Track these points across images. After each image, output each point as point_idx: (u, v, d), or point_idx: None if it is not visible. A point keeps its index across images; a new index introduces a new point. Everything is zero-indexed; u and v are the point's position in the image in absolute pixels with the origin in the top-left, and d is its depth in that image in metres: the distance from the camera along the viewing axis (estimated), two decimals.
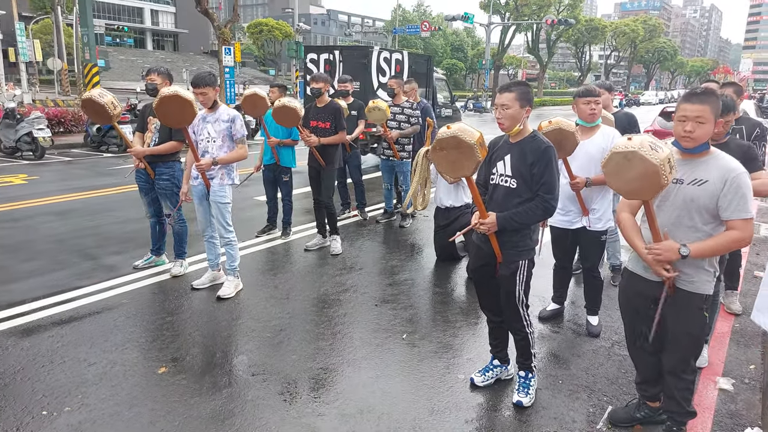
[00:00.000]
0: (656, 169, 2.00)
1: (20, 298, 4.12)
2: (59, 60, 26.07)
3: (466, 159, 2.52)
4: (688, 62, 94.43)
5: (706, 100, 2.20)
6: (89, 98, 3.94)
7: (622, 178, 2.12)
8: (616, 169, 2.13)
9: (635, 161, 2.05)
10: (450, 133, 2.50)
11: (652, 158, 2.01)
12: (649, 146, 2.03)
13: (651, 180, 2.04)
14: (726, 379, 3.18)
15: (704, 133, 2.21)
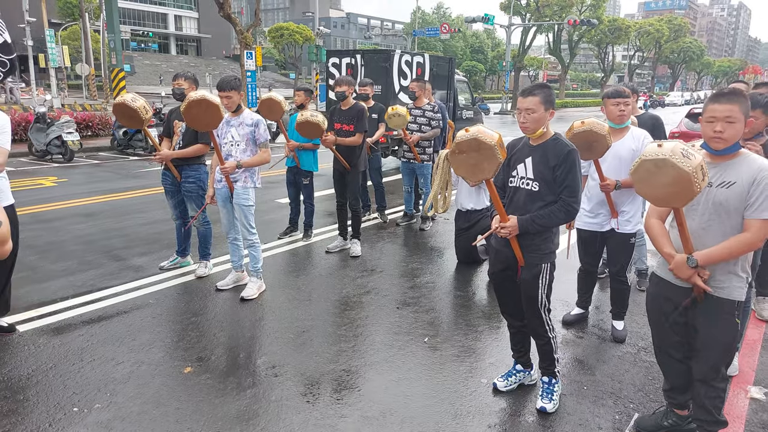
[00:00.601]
0: (689, 176, 1.96)
1: (51, 297, 4.23)
2: (87, 65, 26.76)
3: (486, 161, 2.51)
4: (715, 62, 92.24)
5: (735, 99, 2.16)
6: (122, 102, 4.03)
7: (652, 185, 2.07)
8: (646, 176, 2.08)
9: (666, 168, 2.00)
10: (469, 136, 2.49)
11: (684, 165, 1.96)
12: (681, 153, 1.98)
13: (683, 187, 1.99)
14: (758, 388, 3.09)
15: (735, 133, 2.17)
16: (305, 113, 4.93)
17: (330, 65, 10.89)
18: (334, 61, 10.79)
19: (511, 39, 38.45)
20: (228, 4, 18.15)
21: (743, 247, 2.18)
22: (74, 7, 35.88)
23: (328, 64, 10.95)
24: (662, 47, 63.40)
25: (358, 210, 5.47)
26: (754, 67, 70.89)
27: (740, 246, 2.18)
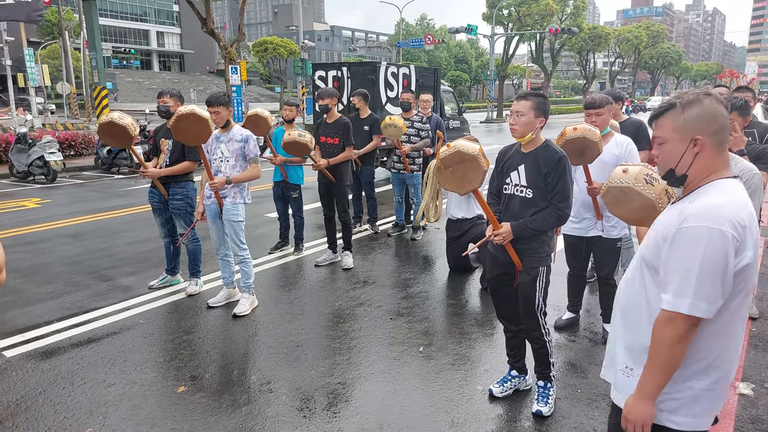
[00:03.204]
0: (652, 203, 2.02)
1: (38, 320, 4.17)
2: (68, 84, 26.54)
3: (472, 171, 2.56)
4: (693, 67, 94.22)
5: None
6: (110, 121, 4.01)
7: (622, 208, 2.15)
8: (616, 200, 2.16)
9: (632, 195, 2.07)
10: (452, 150, 2.56)
11: (647, 193, 2.02)
12: (644, 180, 2.04)
13: (649, 212, 2.05)
14: (746, 384, 3.15)
15: None
16: (293, 133, 4.95)
17: (316, 78, 10.93)
18: (320, 74, 10.85)
19: (495, 48, 38.97)
20: (211, 20, 18.17)
21: None
22: (53, 26, 35.69)
23: (315, 77, 10.99)
24: (641, 53, 64.68)
25: (349, 222, 5.49)
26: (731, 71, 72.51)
27: None
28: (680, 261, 1.39)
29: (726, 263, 1.36)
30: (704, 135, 1.45)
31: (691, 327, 1.40)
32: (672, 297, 1.40)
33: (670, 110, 1.49)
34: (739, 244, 1.36)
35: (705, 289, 1.37)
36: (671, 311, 1.40)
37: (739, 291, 1.43)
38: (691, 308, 1.38)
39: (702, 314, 1.38)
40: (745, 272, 1.40)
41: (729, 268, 1.37)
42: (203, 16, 17.96)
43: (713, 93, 1.47)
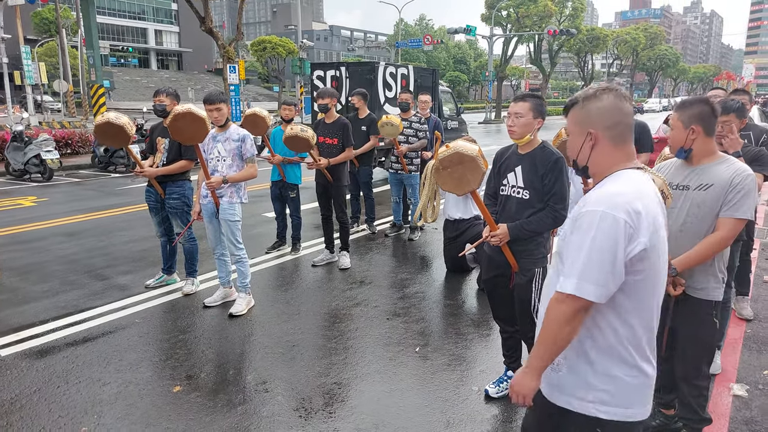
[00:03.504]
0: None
1: (33, 319, 4.16)
2: (65, 82, 26.47)
3: (470, 173, 2.57)
4: (691, 69, 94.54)
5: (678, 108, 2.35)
6: (107, 121, 3.99)
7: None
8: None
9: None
10: (451, 151, 2.57)
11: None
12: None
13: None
14: (740, 385, 3.16)
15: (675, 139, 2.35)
16: (295, 127, 4.94)
17: (315, 78, 10.93)
18: (318, 74, 10.84)
19: (493, 49, 39.03)
20: (209, 19, 18.15)
21: (716, 246, 2.26)
22: (51, 24, 35.57)
23: (313, 76, 10.99)
24: (639, 55, 64.87)
25: (346, 222, 5.49)
26: (728, 73, 72.83)
27: (713, 245, 2.26)
28: (574, 244, 1.42)
29: (615, 248, 1.36)
30: (598, 129, 1.49)
31: (580, 309, 1.40)
32: (563, 278, 1.42)
33: (575, 105, 1.55)
34: (632, 231, 1.37)
35: (592, 272, 1.37)
36: (560, 292, 1.42)
37: (641, 279, 1.43)
38: (577, 289, 1.38)
39: (588, 296, 1.37)
40: (644, 259, 1.40)
41: (619, 253, 1.37)
42: (202, 14, 17.95)
43: (616, 89, 1.50)
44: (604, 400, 1.48)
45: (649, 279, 1.45)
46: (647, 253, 1.40)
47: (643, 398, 1.51)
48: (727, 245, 2.30)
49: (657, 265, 1.45)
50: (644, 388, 1.51)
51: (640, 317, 1.47)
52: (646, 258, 1.41)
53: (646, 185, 1.47)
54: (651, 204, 1.43)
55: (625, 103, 1.49)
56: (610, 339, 1.46)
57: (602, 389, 1.48)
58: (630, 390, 1.48)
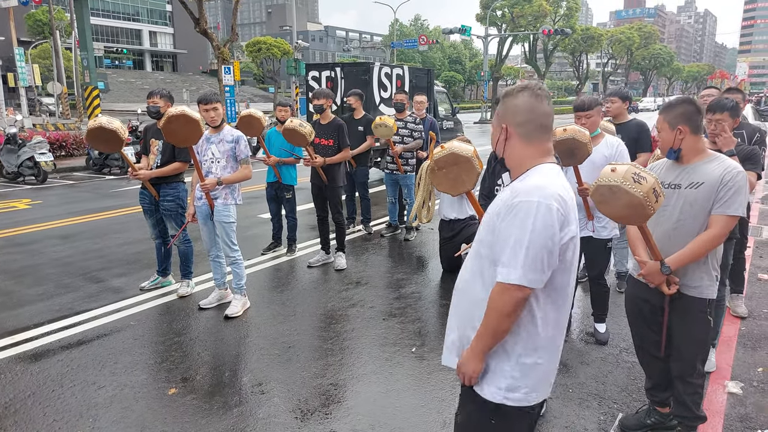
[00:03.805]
0: (640, 201, 2.04)
1: (28, 323, 4.14)
2: (59, 84, 26.33)
3: (465, 173, 2.57)
4: (685, 68, 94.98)
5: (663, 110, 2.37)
6: (99, 126, 3.96)
7: (610, 206, 2.16)
8: (604, 199, 2.17)
9: (620, 194, 2.08)
10: (446, 152, 2.56)
11: (635, 191, 2.03)
12: (632, 179, 2.05)
13: (637, 210, 2.07)
14: (735, 382, 3.17)
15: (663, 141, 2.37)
16: (294, 121, 4.91)
17: (309, 78, 10.92)
18: (313, 75, 10.83)
19: (488, 49, 39.09)
20: (204, 20, 18.10)
21: (708, 243, 2.27)
22: (44, 25, 35.42)
23: (308, 77, 10.98)
24: (633, 54, 65.14)
25: (342, 222, 5.48)
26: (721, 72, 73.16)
27: (706, 243, 2.28)
28: (512, 233, 1.45)
29: (553, 235, 1.43)
30: (510, 125, 1.57)
31: (523, 297, 1.46)
32: (505, 269, 1.45)
33: (499, 101, 1.64)
34: (563, 218, 1.45)
35: (534, 260, 1.42)
36: (504, 282, 1.45)
37: (562, 269, 1.50)
38: (521, 278, 1.43)
39: (531, 284, 1.44)
40: (568, 247, 1.48)
41: (555, 240, 1.44)
42: (196, 16, 17.91)
43: (533, 88, 1.54)
44: (513, 386, 1.55)
45: (571, 266, 1.53)
46: (572, 242, 1.49)
47: (546, 384, 1.61)
48: (720, 242, 2.31)
49: (576, 253, 1.55)
50: (549, 375, 1.61)
51: (561, 303, 1.55)
52: (568, 247, 1.49)
53: (560, 178, 1.55)
54: (570, 195, 1.52)
55: (540, 103, 1.55)
56: (528, 326, 1.53)
57: (511, 375, 1.55)
58: (539, 375, 1.56)
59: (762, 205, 8.26)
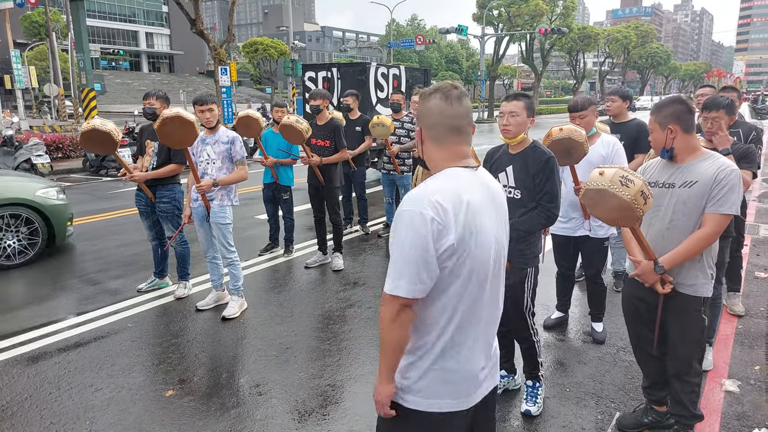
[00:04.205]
0: (628, 204, 2.06)
1: (25, 325, 4.12)
2: (55, 86, 26.28)
3: None
4: (682, 66, 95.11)
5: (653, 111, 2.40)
6: (93, 128, 3.96)
7: (601, 209, 2.18)
8: (593, 203, 2.19)
9: (608, 197, 2.10)
10: None
11: (623, 194, 2.05)
12: (619, 182, 2.06)
13: (626, 213, 2.09)
14: (732, 381, 3.18)
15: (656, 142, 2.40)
16: (291, 117, 4.90)
17: (306, 79, 10.92)
18: (310, 75, 10.83)
19: (485, 49, 39.08)
20: (200, 21, 18.08)
21: (702, 241, 2.28)
22: (40, 27, 35.31)
23: (305, 77, 10.98)
24: (630, 53, 65.21)
25: (339, 223, 5.48)
26: (718, 71, 73.40)
27: (699, 241, 2.28)
28: (393, 242, 1.46)
29: (425, 244, 1.39)
30: (423, 127, 1.55)
31: (401, 307, 1.42)
32: (387, 279, 1.45)
33: None
34: (441, 227, 1.39)
35: (405, 269, 1.40)
36: (385, 293, 1.44)
37: (455, 276, 1.44)
38: (393, 288, 1.41)
39: (403, 293, 1.40)
40: (455, 256, 1.42)
41: (429, 248, 1.39)
42: (192, 17, 17.88)
43: (444, 90, 1.50)
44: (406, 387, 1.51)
45: (467, 272, 1.45)
46: (459, 251, 1.42)
47: (457, 391, 1.52)
48: (714, 241, 2.31)
49: (480, 258, 1.46)
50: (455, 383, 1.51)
51: (462, 309, 1.48)
52: (455, 255, 1.42)
53: (469, 182, 1.48)
54: (472, 200, 1.44)
55: (450, 104, 1.50)
56: (422, 333, 1.49)
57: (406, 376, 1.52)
58: (438, 382, 1.50)
59: (759, 203, 8.28)
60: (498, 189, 1.60)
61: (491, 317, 1.58)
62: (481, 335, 1.54)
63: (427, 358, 1.50)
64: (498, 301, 1.60)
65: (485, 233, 1.47)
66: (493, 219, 1.51)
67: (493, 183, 1.60)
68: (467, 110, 1.53)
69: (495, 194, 1.56)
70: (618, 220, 2.18)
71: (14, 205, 5.53)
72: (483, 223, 1.47)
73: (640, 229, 2.28)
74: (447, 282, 1.46)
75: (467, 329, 1.50)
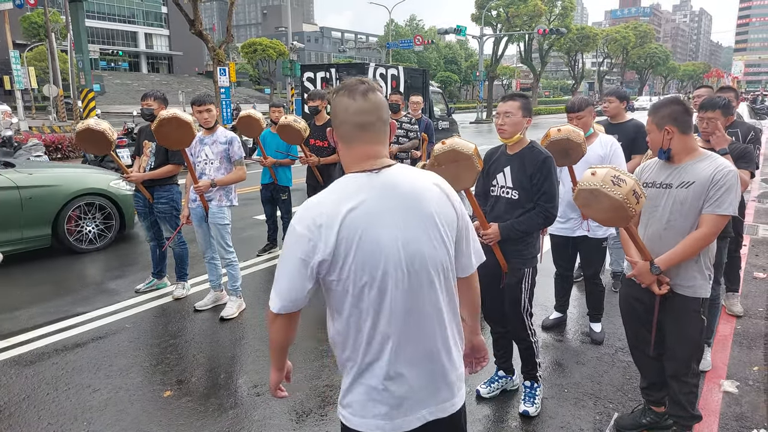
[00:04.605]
0: (621, 203, 2.06)
1: (22, 326, 4.12)
2: (54, 87, 26.27)
3: (465, 171, 2.56)
4: (680, 67, 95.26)
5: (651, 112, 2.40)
6: (87, 127, 3.97)
7: (593, 209, 2.18)
8: (586, 203, 2.19)
9: (600, 197, 2.10)
10: (447, 148, 2.53)
11: (615, 194, 2.05)
12: (611, 182, 2.07)
13: (618, 213, 2.09)
14: (730, 381, 3.18)
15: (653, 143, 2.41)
16: (289, 117, 4.90)
17: (305, 79, 10.92)
18: (308, 75, 10.83)
19: (484, 49, 39.14)
20: (199, 21, 18.07)
21: (699, 242, 2.28)
22: (40, 28, 35.31)
23: (303, 78, 10.99)
24: (629, 53, 65.31)
25: None
26: (717, 71, 73.42)
27: (696, 242, 2.28)
28: None
29: (296, 260, 1.37)
30: (333, 127, 1.47)
31: (275, 318, 1.46)
32: None
33: None
34: (313, 243, 1.35)
35: (278, 284, 1.43)
36: None
37: (345, 291, 1.38)
38: (270, 302, 1.45)
39: (275, 309, 1.43)
40: (335, 270, 1.36)
41: (300, 265, 1.37)
42: (191, 17, 17.87)
43: (347, 85, 1.42)
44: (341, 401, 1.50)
45: (365, 286, 1.37)
46: (333, 263, 1.35)
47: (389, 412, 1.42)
48: (711, 241, 2.31)
49: (372, 269, 1.36)
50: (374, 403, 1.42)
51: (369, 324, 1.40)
52: (336, 267, 1.36)
53: (360, 189, 1.38)
54: (359, 208, 1.34)
55: (354, 100, 1.39)
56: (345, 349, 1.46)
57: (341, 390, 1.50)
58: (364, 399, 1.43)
59: (758, 203, 8.29)
60: (415, 189, 1.40)
61: (426, 332, 1.42)
62: (413, 352, 1.41)
63: (349, 375, 1.46)
64: (437, 313, 1.43)
65: (377, 242, 1.34)
66: (398, 224, 1.36)
67: (406, 184, 1.40)
68: (375, 105, 1.40)
69: (407, 196, 1.39)
70: (611, 220, 2.18)
71: (92, 195, 6.06)
72: (375, 232, 1.34)
73: (635, 229, 2.28)
74: (340, 297, 1.40)
75: (384, 346, 1.39)
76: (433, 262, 1.41)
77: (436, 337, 1.44)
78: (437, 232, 1.42)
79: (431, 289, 1.42)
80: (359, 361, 1.43)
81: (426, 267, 1.40)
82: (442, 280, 1.45)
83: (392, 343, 1.40)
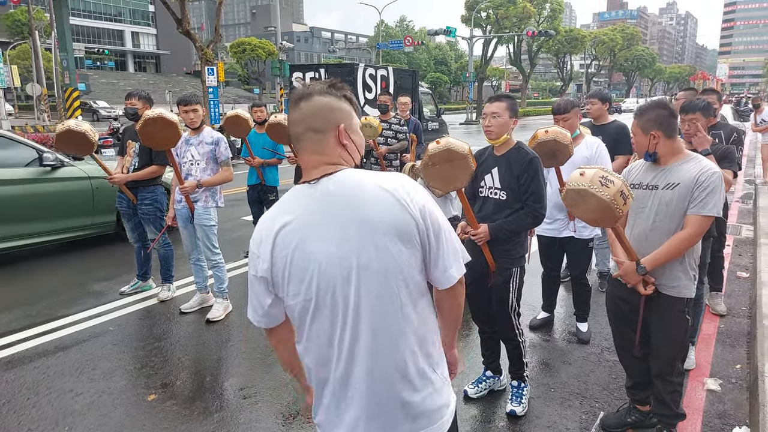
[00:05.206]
0: (608, 204, 2.07)
1: (4, 329, 4.04)
2: (38, 85, 25.88)
3: (459, 170, 2.55)
4: (667, 69, 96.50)
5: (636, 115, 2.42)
6: (67, 129, 3.90)
7: (581, 209, 2.19)
8: (574, 203, 2.20)
9: (588, 197, 2.11)
10: (441, 147, 2.52)
11: (603, 194, 2.06)
12: (599, 182, 2.08)
13: (606, 213, 2.11)
14: (713, 379, 3.21)
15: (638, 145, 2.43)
16: (279, 116, 4.87)
17: (294, 79, 10.89)
18: (298, 76, 10.80)
19: (474, 51, 39.29)
20: (187, 20, 17.92)
21: (684, 243, 2.30)
22: (23, 26, 34.82)
23: (292, 78, 10.95)
24: (616, 55, 66.05)
25: None
26: (703, 74, 74.49)
27: (681, 243, 2.30)
28: None
29: (251, 276, 1.40)
30: None
31: (265, 331, 1.51)
32: None
33: None
34: (260, 260, 1.35)
35: (249, 299, 1.45)
36: None
37: (290, 308, 1.37)
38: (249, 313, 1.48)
39: (253, 322, 1.47)
40: (276, 286, 1.35)
41: (254, 281, 1.39)
42: (179, 16, 17.73)
43: (293, 94, 1.38)
44: None
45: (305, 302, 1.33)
46: (272, 279, 1.34)
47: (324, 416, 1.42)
48: (696, 242, 2.33)
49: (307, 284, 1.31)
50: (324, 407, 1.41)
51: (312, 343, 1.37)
52: (277, 283, 1.34)
53: (297, 201, 1.35)
54: (292, 221, 1.31)
55: (290, 111, 1.36)
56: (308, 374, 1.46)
57: None
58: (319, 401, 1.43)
59: (742, 204, 8.40)
60: (356, 197, 1.29)
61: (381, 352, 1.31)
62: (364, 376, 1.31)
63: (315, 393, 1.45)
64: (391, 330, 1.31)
65: (309, 258, 1.28)
66: (334, 236, 1.27)
67: (347, 192, 1.29)
68: (303, 115, 1.33)
69: (345, 206, 1.28)
70: (598, 221, 2.19)
71: None
72: (307, 246, 1.28)
73: (622, 230, 2.29)
74: (292, 315, 1.40)
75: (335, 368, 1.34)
76: (381, 274, 1.28)
77: (395, 356, 1.31)
78: (384, 241, 1.27)
79: (383, 304, 1.29)
80: (315, 380, 1.42)
81: (371, 280, 1.27)
82: (396, 292, 1.30)
83: (342, 367, 1.33)
